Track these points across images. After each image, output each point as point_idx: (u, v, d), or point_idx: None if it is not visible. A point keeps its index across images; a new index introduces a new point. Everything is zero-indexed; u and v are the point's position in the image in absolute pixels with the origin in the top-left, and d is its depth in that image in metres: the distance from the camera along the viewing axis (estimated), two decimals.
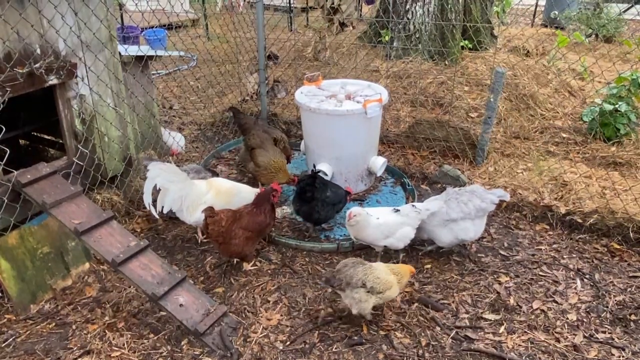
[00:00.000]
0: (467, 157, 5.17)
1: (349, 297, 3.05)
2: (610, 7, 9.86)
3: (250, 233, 3.58)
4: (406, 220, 3.64)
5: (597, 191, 4.31)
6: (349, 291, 3.04)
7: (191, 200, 3.85)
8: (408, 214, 3.65)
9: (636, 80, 5.26)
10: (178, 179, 3.82)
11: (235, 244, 3.54)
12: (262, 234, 3.77)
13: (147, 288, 3.04)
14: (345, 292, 3.07)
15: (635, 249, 3.90)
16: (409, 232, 3.65)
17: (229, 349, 2.98)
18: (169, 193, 3.77)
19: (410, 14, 6.73)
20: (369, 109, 4.31)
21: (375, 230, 3.60)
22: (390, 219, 3.64)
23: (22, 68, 3.17)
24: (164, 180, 3.74)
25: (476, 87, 6.06)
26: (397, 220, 3.63)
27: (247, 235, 3.56)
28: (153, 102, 4.98)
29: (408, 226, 3.65)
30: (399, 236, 3.63)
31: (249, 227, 3.57)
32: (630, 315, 3.27)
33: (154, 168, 3.73)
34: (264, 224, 3.66)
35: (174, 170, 3.85)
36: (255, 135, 4.79)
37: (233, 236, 3.52)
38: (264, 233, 3.78)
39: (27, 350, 3.00)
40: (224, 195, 3.97)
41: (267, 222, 3.68)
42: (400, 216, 3.64)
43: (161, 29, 9.58)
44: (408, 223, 3.65)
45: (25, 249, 3.34)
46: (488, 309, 3.36)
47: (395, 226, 3.62)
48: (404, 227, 3.63)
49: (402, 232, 3.63)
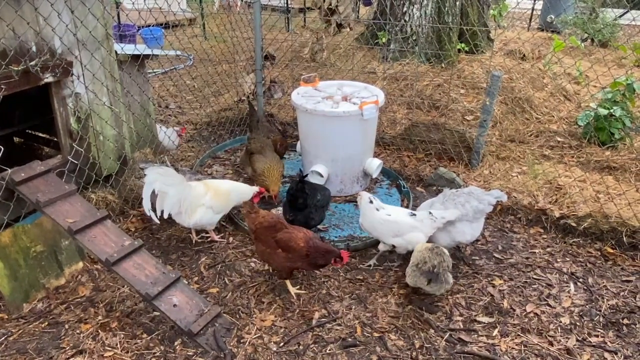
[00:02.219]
0: (463, 160, 5.19)
1: (448, 282, 3.32)
2: (606, 12, 9.91)
3: (280, 250, 3.30)
4: (419, 226, 3.59)
5: (591, 195, 4.33)
6: (445, 276, 3.30)
7: (190, 203, 3.83)
8: (422, 220, 3.61)
9: (631, 85, 5.28)
10: (176, 182, 3.81)
11: (261, 251, 3.42)
12: (293, 262, 3.31)
13: (140, 288, 3.03)
14: (443, 280, 3.29)
15: (628, 253, 3.93)
16: (420, 238, 3.59)
17: (222, 350, 2.97)
18: (168, 197, 3.75)
19: (407, 16, 6.74)
20: (365, 111, 4.31)
21: (382, 225, 3.60)
22: (401, 219, 3.62)
23: (18, 66, 3.15)
24: (161, 184, 3.72)
25: (472, 90, 6.07)
26: (408, 222, 3.61)
27: (278, 251, 3.31)
28: (149, 101, 4.96)
29: (420, 232, 3.59)
30: (408, 239, 3.59)
31: (281, 244, 3.30)
32: (623, 319, 3.29)
33: (152, 173, 3.70)
34: (295, 251, 3.25)
35: (172, 173, 3.84)
36: (256, 140, 4.81)
37: (262, 240, 3.38)
38: (292, 262, 3.31)
39: (19, 349, 2.98)
40: (222, 196, 3.96)
41: (300, 252, 3.25)
42: (414, 220, 3.61)
43: (158, 27, 9.56)
44: (420, 229, 3.60)
45: (19, 248, 3.32)
46: (482, 311, 3.36)
47: (406, 227, 3.59)
48: (415, 232, 3.59)
49: (412, 235, 3.59)
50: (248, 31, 5.97)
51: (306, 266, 3.34)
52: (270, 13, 11.01)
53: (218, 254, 3.93)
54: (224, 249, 3.98)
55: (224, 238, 4.11)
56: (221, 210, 3.98)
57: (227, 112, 6.30)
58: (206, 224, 3.94)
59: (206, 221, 3.91)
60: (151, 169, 3.76)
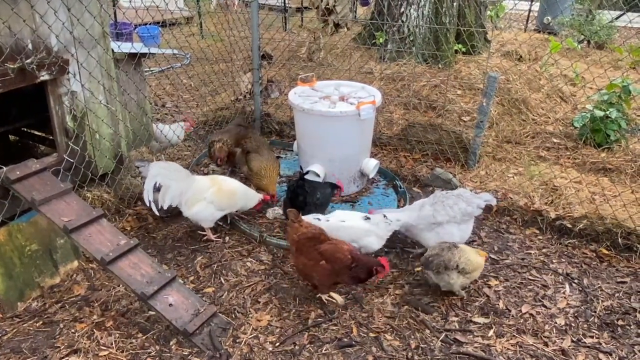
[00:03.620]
0: (459, 161, 5.19)
1: (444, 280, 3.32)
2: (602, 14, 9.95)
3: (324, 262, 3.18)
4: (374, 229, 3.58)
5: (586, 197, 4.34)
6: (444, 274, 3.30)
7: (191, 194, 3.86)
8: (378, 224, 3.60)
9: (627, 87, 5.31)
10: (179, 177, 3.83)
11: (303, 263, 3.26)
12: (337, 276, 3.23)
13: (136, 287, 3.02)
14: (441, 275, 3.31)
15: (623, 255, 3.94)
16: (374, 242, 3.60)
17: (218, 350, 2.97)
18: (170, 190, 3.80)
19: (404, 16, 6.74)
20: (362, 111, 4.31)
21: (339, 232, 3.55)
22: (356, 224, 3.60)
23: (14, 63, 3.14)
24: (164, 178, 3.75)
25: (469, 90, 6.08)
26: (363, 227, 3.58)
27: (321, 263, 3.19)
28: (145, 99, 4.94)
29: (374, 236, 3.58)
30: (363, 244, 3.58)
31: (325, 256, 3.19)
32: (618, 320, 3.30)
33: (155, 166, 3.75)
34: (343, 263, 3.17)
35: (175, 168, 3.86)
36: (252, 138, 4.80)
37: (304, 252, 3.24)
38: (335, 275, 3.23)
39: (14, 348, 2.97)
40: (226, 194, 3.96)
41: (346, 262, 3.18)
42: (369, 224, 3.59)
43: (155, 26, 9.53)
44: (375, 232, 3.58)
45: (14, 246, 3.30)
46: (477, 312, 3.37)
47: (361, 232, 3.58)
48: (370, 236, 3.58)
49: (368, 240, 3.58)
50: (245, 30, 5.96)
51: (348, 280, 3.26)
52: (268, 12, 11.01)
53: (214, 253, 3.93)
54: (220, 249, 3.98)
55: (220, 237, 4.11)
56: (222, 208, 3.97)
57: (223, 111, 6.28)
58: (204, 218, 3.94)
59: (205, 216, 3.91)
60: (155, 163, 3.82)
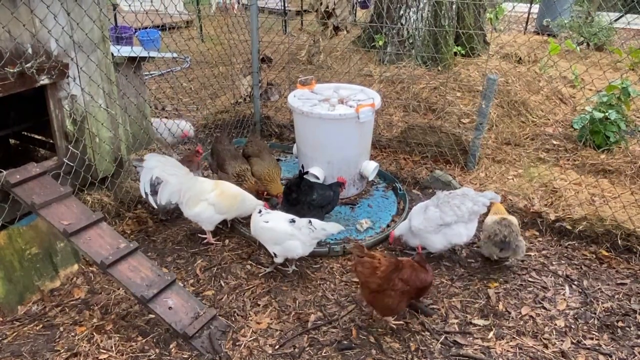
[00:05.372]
0: (459, 163, 5.20)
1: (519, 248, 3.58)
2: (601, 16, 9.96)
3: (409, 288, 3.04)
4: (296, 234, 3.49)
5: (586, 198, 4.34)
6: (518, 242, 3.57)
7: (192, 195, 3.87)
8: (300, 228, 3.50)
9: (626, 89, 5.31)
10: (178, 173, 3.84)
11: (391, 297, 3.00)
12: (421, 294, 3.23)
13: (136, 290, 3.02)
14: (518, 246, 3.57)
15: (623, 256, 3.94)
16: (298, 247, 3.51)
17: (217, 353, 2.97)
18: (168, 186, 3.81)
19: (404, 19, 6.77)
20: (361, 114, 4.32)
21: (263, 232, 3.54)
22: (279, 227, 3.52)
23: (13, 67, 3.14)
24: (162, 172, 3.75)
25: (468, 93, 6.10)
26: (285, 230, 3.50)
27: (405, 289, 3.03)
28: (145, 103, 4.96)
29: (297, 240, 3.50)
30: (286, 247, 3.52)
31: (410, 281, 3.05)
32: (618, 322, 3.30)
33: (152, 158, 3.74)
34: (427, 282, 3.15)
35: (174, 163, 3.87)
36: (253, 142, 4.81)
37: (392, 287, 2.99)
38: (422, 293, 3.23)
39: (14, 352, 2.97)
40: (228, 198, 3.95)
41: (430, 280, 3.18)
42: (292, 228, 3.50)
43: (155, 30, 9.55)
44: (298, 237, 3.50)
45: (14, 250, 3.31)
46: (477, 314, 3.37)
47: (283, 235, 3.50)
48: (293, 240, 3.50)
49: (290, 244, 3.50)
50: (245, 33, 5.96)
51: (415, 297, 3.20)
52: (267, 15, 11.02)
53: (214, 256, 3.93)
54: (220, 252, 3.98)
55: (220, 240, 4.11)
56: (223, 212, 3.96)
57: (223, 115, 6.29)
58: (204, 220, 3.94)
59: (205, 218, 3.92)
60: (152, 155, 3.80)
